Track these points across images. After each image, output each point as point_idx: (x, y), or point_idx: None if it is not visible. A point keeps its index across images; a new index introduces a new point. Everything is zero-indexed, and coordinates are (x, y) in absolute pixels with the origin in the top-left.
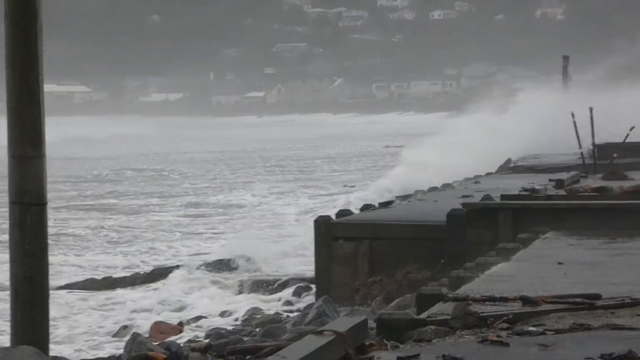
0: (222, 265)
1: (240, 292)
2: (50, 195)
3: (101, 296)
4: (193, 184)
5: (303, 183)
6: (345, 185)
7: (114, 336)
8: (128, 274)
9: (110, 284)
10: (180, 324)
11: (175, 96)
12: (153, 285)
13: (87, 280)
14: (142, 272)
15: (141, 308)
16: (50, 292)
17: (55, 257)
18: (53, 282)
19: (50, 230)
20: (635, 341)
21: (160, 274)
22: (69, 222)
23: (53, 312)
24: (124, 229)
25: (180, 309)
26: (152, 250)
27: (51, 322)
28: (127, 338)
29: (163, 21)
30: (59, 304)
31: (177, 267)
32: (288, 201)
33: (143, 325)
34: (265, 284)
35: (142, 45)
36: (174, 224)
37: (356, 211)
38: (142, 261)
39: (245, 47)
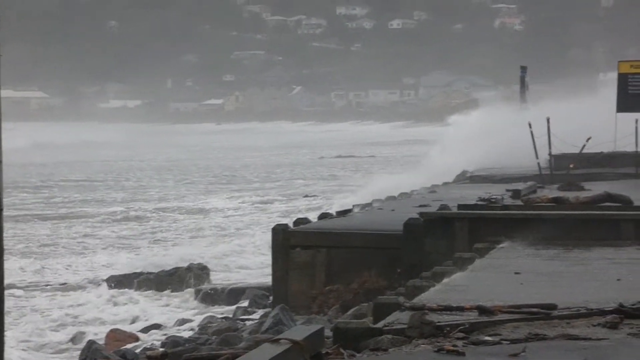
0: (179, 273)
1: (196, 300)
2: (11, 201)
3: (58, 302)
4: (156, 191)
5: (263, 192)
6: (305, 196)
7: (69, 342)
8: (86, 281)
9: (67, 290)
10: (133, 332)
11: (134, 102)
12: (110, 292)
13: (46, 285)
14: (98, 279)
15: (98, 315)
16: (6, 296)
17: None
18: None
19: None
20: (590, 351)
21: (117, 281)
22: (32, 230)
23: (8, 318)
24: (84, 237)
25: (137, 317)
26: (112, 257)
27: (6, 328)
28: (82, 345)
29: (121, 27)
30: (16, 308)
31: (135, 274)
32: (248, 209)
33: (99, 332)
34: (221, 292)
35: (100, 51)
36: (135, 231)
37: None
38: (101, 266)
39: (204, 54)
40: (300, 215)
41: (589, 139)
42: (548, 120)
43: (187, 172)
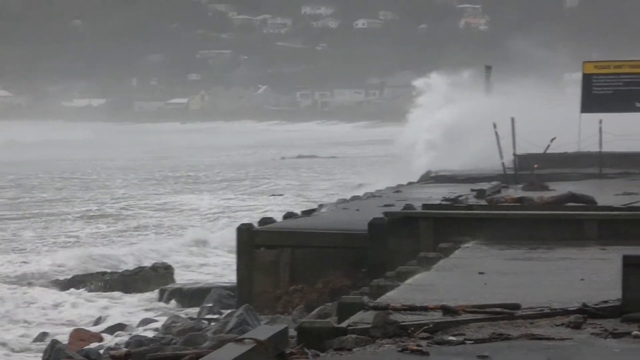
0: (143, 273)
1: (160, 300)
2: None
3: (22, 301)
4: (122, 192)
5: (227, 191)
6: (273, 195)
7: (33, 342)
8: (50, 280)
9: (31, 288)
10: (97, 332)
11: (98, 101)
12: (74, 292)
13: (10, 283)
14: (62, 279)
15: (61, 315)
16: None
17: None
18: None
19: None
20: (553, 351)
21: (81, 280)
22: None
23: None
24: (51, 236)
25: (100, 317)
26: (77, 256)
27: None
28: (45, 344)
29: (85, 25)
30: None
31: (99, 274)
32: (213, 208)
33: (62, 332)
34: (186, 292)
35: (64, 49)
36: (101, 231)
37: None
38: (66, 265)
39: (169, 53)
40: (268, 214)
41: (553, 139)
42: (512, 120)
43: (152, 171)
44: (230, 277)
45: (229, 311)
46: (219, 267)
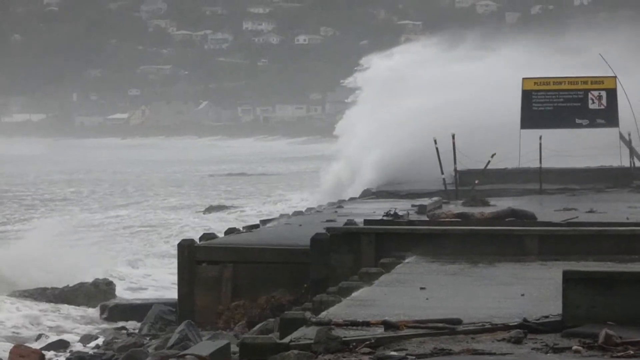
0: (84, 289)
1: (102, 316)
2: None
3: None
4: (64, 205)
5: (164, 207)
6: (205, 211)
7: None
8: None
9: None
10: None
11: (38, 116)
12: (14, 307)
13: None
14: (1, 295)
15: (1, 330)
16: None
17: None
18: None
19: None
20: None
21: (21, 296)
22: None
23: None
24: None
25: (41, 333)
26: (15, 272)
27: None
28: None
29: (25, 40)
30: None
31: (39, 289)
32: (153, 223)
33: (2, 348)
34: (127, 308)
35: (3, 64)
36: (42, 246)
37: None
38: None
39: (109, 68)
40: (208, 231)
41: (493, 155)
42: (453, 136)
43: (92, 185)
44: (171, 293)
45: (170, 327)
46: (160, 283)
